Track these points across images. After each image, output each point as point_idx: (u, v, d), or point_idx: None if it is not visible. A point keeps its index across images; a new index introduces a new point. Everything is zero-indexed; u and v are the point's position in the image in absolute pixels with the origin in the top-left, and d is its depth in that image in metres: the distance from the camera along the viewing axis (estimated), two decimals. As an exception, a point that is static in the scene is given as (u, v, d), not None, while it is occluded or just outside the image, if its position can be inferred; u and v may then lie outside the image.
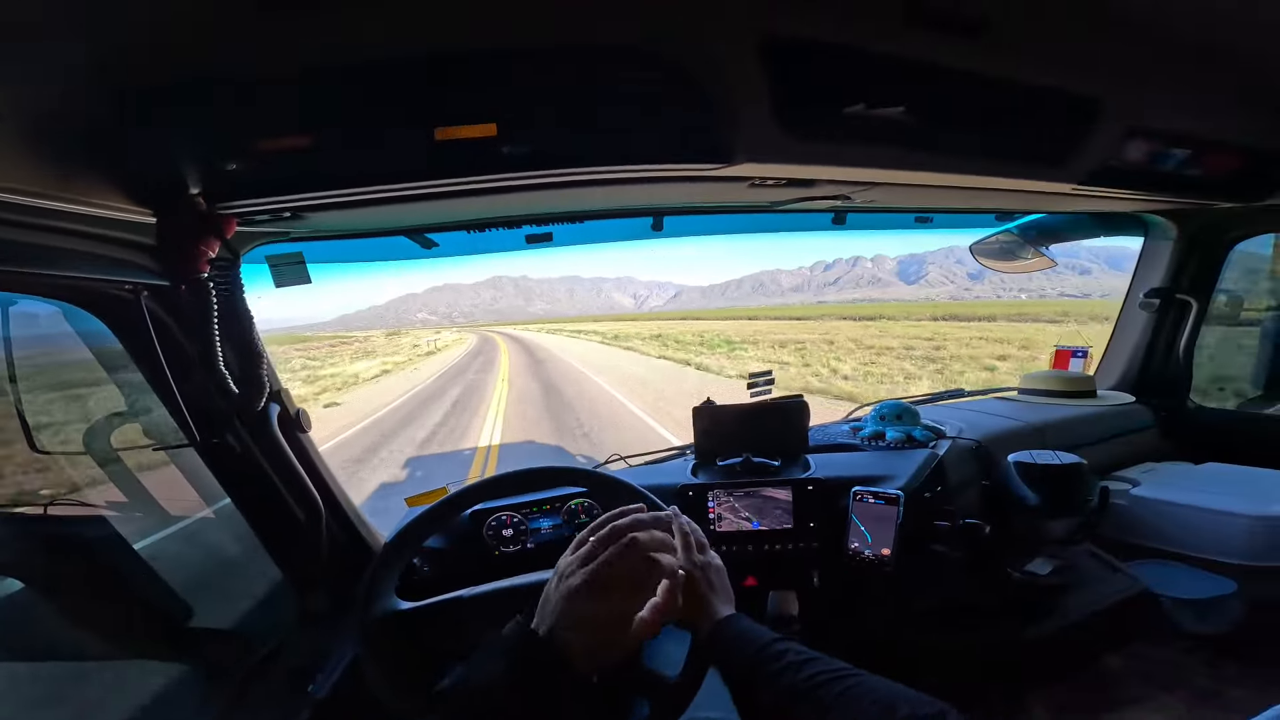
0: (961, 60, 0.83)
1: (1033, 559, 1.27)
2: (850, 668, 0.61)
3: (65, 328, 0.88)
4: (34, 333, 0.92)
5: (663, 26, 0.65)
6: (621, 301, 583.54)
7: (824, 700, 0.57)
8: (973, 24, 0.78)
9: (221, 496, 1.13)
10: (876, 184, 1.13)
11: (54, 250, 0.67)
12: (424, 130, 0.65)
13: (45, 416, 1.03)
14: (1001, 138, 1.00)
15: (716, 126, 0.78)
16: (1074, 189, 1.19)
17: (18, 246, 0.63)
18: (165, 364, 0.84)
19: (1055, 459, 1.33)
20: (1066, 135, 1.05)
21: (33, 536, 0.99)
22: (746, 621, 0.72)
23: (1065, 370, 2.23)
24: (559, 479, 1.01)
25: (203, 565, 1.25)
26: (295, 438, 1.09)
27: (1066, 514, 1.32)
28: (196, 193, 0.68)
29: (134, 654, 1.08)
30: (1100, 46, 0.89)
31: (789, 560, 1.28)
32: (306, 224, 0.93)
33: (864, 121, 0.85)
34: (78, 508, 1.05)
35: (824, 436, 1.64)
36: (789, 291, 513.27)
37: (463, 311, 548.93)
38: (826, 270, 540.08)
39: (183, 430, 0.94)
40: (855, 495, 1.26)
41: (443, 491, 1.40)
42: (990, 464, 1.47)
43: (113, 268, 0.74)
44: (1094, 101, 0.98)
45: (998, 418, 1.76)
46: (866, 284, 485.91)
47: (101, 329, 0.86)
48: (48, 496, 1.05)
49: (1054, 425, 1.72)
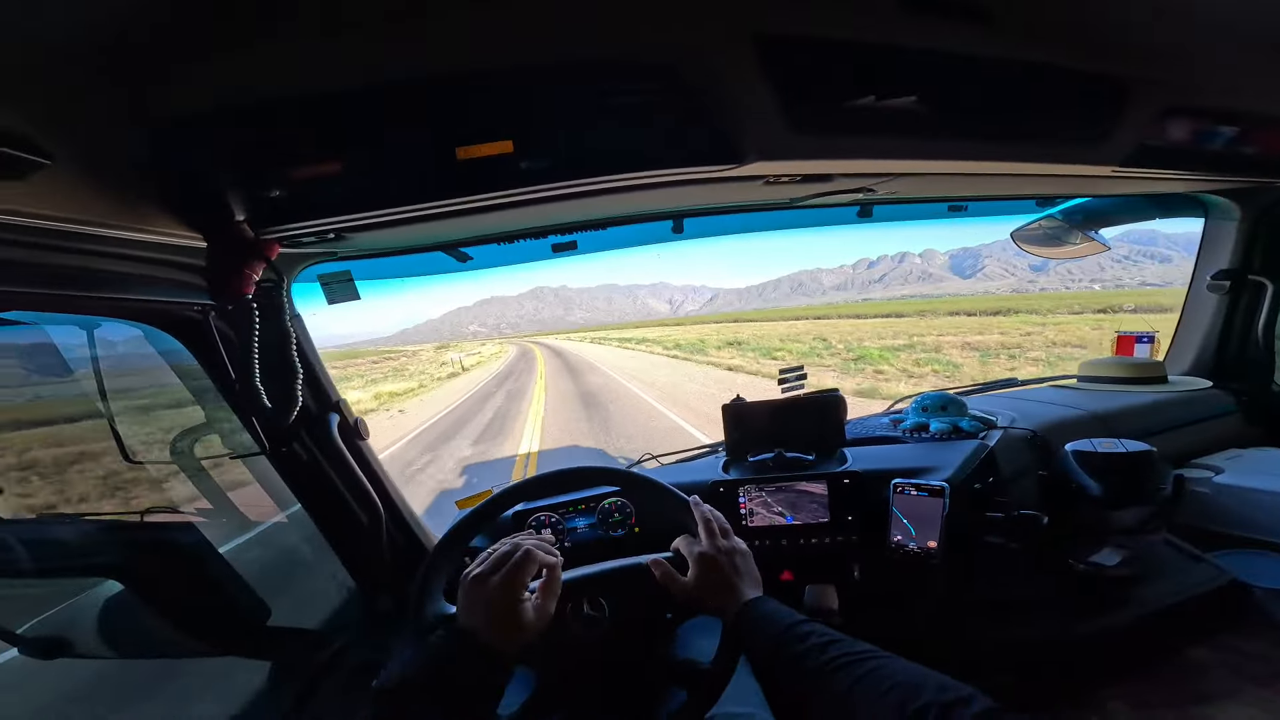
0: (972, 46, 0.81)
1: (1098, 550, 1.19)
2: (874, 649, 0.61)
3: (147, 348, 0.99)
4: (119, 352, 1.03)
5: (660, 36, 0.68)
6: (657, 307, 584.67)
7: (845, 681, 0.57)
8: (975, 9, 0.76)
9: (292, 502, 1.22)
10: (899, 175, 1.11)
11: (129, 276, 0.76)
12: (446, 150, 0.70)
13: (135, 429, 1.15)
14: (1029, 121, 0.96)
15: (723, 129, 0.79)
16: (1114, 171, 1.13)
17: (95, 273, 0.71)
18: (236, 380, 0.92)
19: (1120, 447, 1.25)
20: (1100, 116, 1.00)
21: (129, 541, 1.08)
22: (773, 604, 0.73)
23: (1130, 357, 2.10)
24: (594, 479, 1.03)
25: (278, 567, 1.35)
26: (355, 445, 1.17)
27: (1135, 504, 1.23)
28: (242, 219, 0.74)
29: (218, 651, 1.15)
30: (1130, 26, 0.84)
31: (826, 554, 1.26)
32: (350, 244, 1.00)
33: (877, 113, 0.83)
34: (168, 514, 1.16)
35: (862, 430, 1.61)
36: (831, 290, 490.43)
37: (509, 322, 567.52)
38: (871, 267, 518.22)
39: (255, 441, 1.04)
40: (896, 488, 1.23)
41: (488, 494, 1.47)
42: (1047, 454, 1.39)
43: (182, 290, 0.83)
44: (1126, 81, 0.94)
45: (1054, 406, 1.67)
46: (916, 280, 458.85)
47: (179, 347, 0.96)
48: (142, 504, 1.17)
49: (1120, 413, 1.62)
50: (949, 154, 0.96)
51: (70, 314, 0.83)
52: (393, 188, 0.74)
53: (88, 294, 0.71)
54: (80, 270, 0.69)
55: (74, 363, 0.97)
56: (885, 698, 0.53)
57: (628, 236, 1.28)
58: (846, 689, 0.56)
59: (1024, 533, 1.17)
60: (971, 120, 0.92)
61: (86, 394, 0.98)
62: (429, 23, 0.60)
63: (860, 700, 0.55)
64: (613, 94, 0.71)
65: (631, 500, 1.32)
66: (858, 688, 0.56)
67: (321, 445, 1.09)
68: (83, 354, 0.97)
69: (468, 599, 0.67)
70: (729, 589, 0.76)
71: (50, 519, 1.19)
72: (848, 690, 0.56)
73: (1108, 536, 1.23)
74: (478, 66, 0.65)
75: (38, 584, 1.05)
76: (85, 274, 0.70)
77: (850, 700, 0.56)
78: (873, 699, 0.54)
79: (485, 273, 1.36)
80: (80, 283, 0.70)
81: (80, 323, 0.90)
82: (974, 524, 1.21)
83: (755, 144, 0.81)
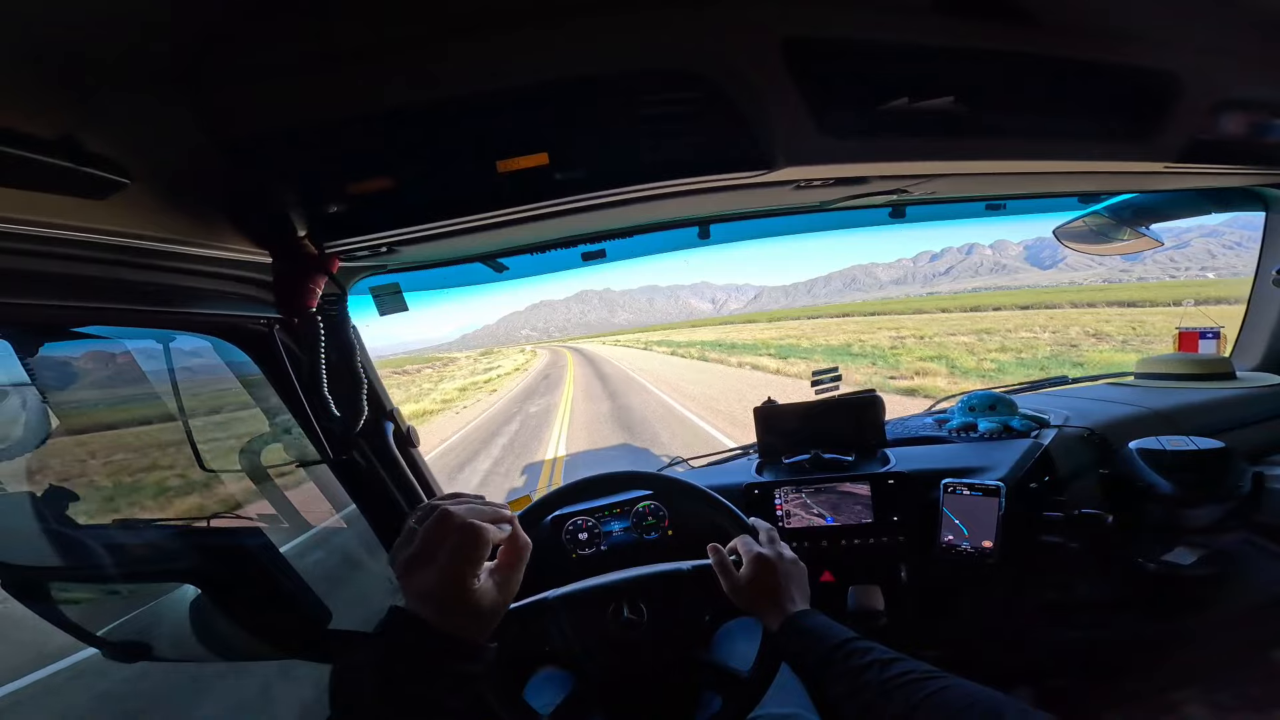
0: (1012, 44, 0.78)
1: (1170, 549, 1.12)
2: (939, 671, 0.58)
3: (216, 359, 1.05)
4: (192, 364, 1.09)
5: (691, 46, 0.69)
6: (699, 307, 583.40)
7: (910, 699, 0.55)
8: (1015, 8, 0.74)
9: (343, 507, 1.27)
10: (936, 176, 1.10)
11: (200, 291, 0.81)
12: (488, 163, 0.74)
13: (209, 439, 1.23)
14: (1074, 118, 0.94)
15: (753, 136, 0.79)
16: (1166, 167, 1.10)
17: (169, 289, 0.76)
18: (300, 391, 0.98)
19: (1190, 444, 1.20)
20: (1151, 111, 0.97)
21: (202, 546, 1.12)
22: (823, 618, 0.71)
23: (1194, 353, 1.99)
24: (634, 483, 1.05)
25: (335, 571, 1.40)
26: (408, 452, 1.22)
27: (1210, 502, 1.16)
28: (304, 234, 0.78)
29: (282, 655, 1.19)
30: (1175, 22, 0.82)
31: (870, 555, 1.24)
32: (399, 257, 1.05)
33: (913, 114, 0.82)
34: (237, 519, 1.22)
35: (903, 430, 1.57)
36: (889, 285, 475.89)
37: (558, 326, 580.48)
38: (934, 260, 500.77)
39: (316, 448, 1.09)
40: (947, 488, 1.21)
41: (528, 500, 1.50)
42: (1108, 452, 1.33)
43: (249, 304, 0.88)
44: (1174, 76, 0.90)
45: (1111, 404, 1.60)
46: (988, 271, 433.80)
47: (244, 359, 1.02)
48: (213, 511, 1.24)
49: (1185, 410, 1.53)
50: (989, 153, 0.95)
51: (147, 328, 0.88)
52: (441, 201, 0.79)
53: (163, 309, 0.76)
54: (156, 286, 0.74)
55: (152, 375, 1.05)
56: (962, 716, 0.51)
57: (654, 243, 1.31)
58: (911, 708, 0.54)
59: (1086, 532, 1.12)
60: (1013, 118, 0.90)
61: (164, 404, 1.07)
62: (477, 45, 0.64)
63: (926, 716, 0.53)
64: (643, 104, 0.73)
65: (665, 504, 1.33)
66: (926, 703, 0.54)
67: (378, 452, 1.15)
68: (155, 366, 1.05)
69: (403, 581, 0.53)
70: (779, 594, 0.75)
71: (130, 524, 1.25)
72: (912, 709, 0.54)
73: (1181, 536, 1.16)
74: (519, 82, 0.68)
75: (118, 587, 1.09)
76: (161, 290, 0.75)
77: (916, 715, 0.54)
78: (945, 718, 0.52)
79: (524, 282, 1.41)
80: (156, 298, 0.75)
81: (157, 336, 0.98)
82: (1030, 524, 1.17)
83: (785, 150, 0.82)
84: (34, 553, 1.00)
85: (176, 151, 0.63)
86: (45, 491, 1.04)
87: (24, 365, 0.94)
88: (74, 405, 1.02)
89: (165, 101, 0.58)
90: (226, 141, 0.64)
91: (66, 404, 0.99)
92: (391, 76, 0.64)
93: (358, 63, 0.62)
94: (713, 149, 0.81)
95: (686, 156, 0.81)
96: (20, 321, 0.77)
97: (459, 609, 0.52)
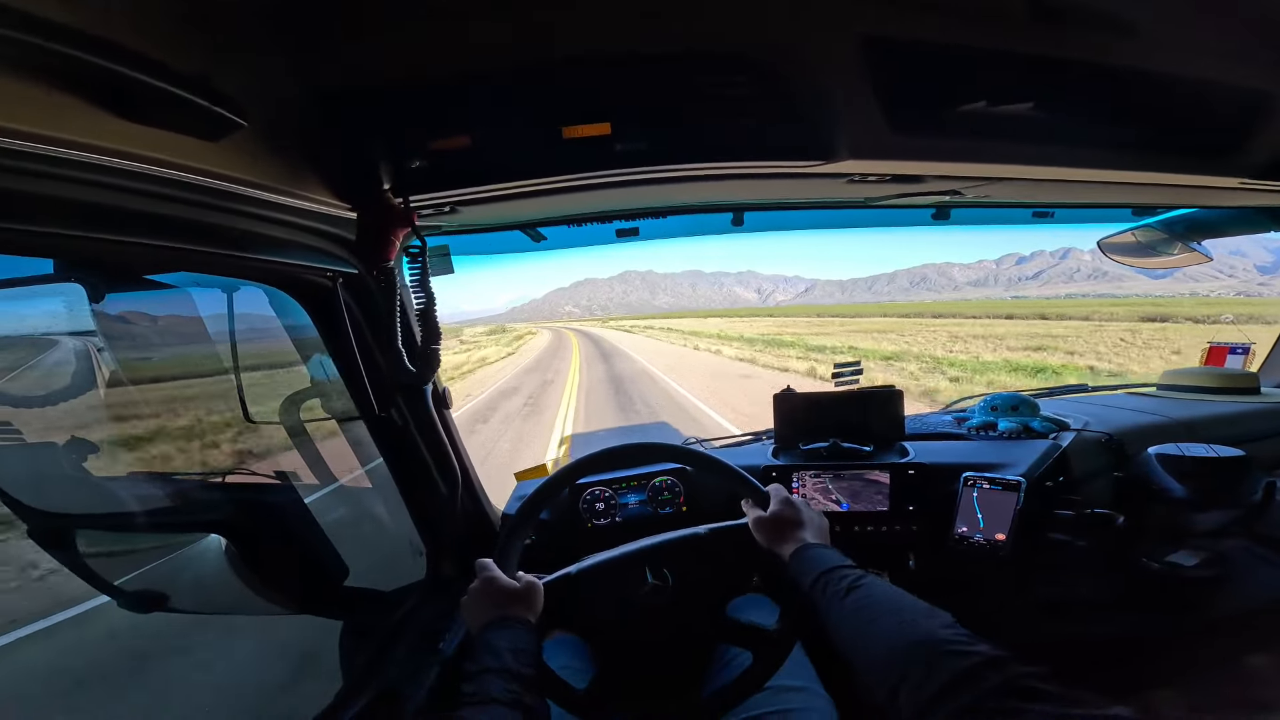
0: (1102, 55, 0.80)
1: (1174, 551, 1.21)
2: (879, 585, 0.69)
3: (268, 311, 1.09)
4: (248, 315, 1.13)
5: (770, 33, 0.72)
6: (745, 296, 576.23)
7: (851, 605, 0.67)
8: (1119, 22, 0.75)
9: (368, 465, 1.33)
10: (993, 179, 1.12)
11: (276, 240, 0.84)
12: (555, 129, 0.78)
13: (257, 392, 1.30)
14: (1148, 130, 0.95)
15: (821, 125, 0.82)
16: (1242, 183, 1.12)
17: (252, 235, 0.80)
18: (355, 344, 1.04)
19: (1210, 451, 1.28)
20: (1235, 127, 0.98)
21: (232, 500, 1.20)
22: (830, 550, 0.81)
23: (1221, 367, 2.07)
24: (664, 455, 1.07)
25: (358, 530, 1.46)
26: (442, 414, 1.28)
27: (1223, 507, 1.25)
28: (388, 188, 0.82)
29: (298, 610, 1.23)
30: (1272, 37, 0.82)
31: (882, 543, 1.33)
32: (457, 218, 1.09)
33: (985, 117, 0.83)
34: (263, 476, 1.26)
35: (922, 426, 1.66)
36: (965, 286, 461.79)
37: (600, 304, 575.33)
38: (1020, 264, 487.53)
39: (358, 405, 1.14)
40: (967, 480, 1.29)
41: (544, 468, 1.58)
42: (1124, 457, 1.42)
43: (318, 256, 0.92)
44: (1265, 94, 0.91)
45: (1132, 412, 1.68)
46: (1085, 278, 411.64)
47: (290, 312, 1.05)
48: (244, 463, 1.32)
49: (1207, 420, 1.62)
50: (1052, 159, 0.97)
51: (221, 275, 0.91)
52: (508, 162, 0.84)
53: (239, 254, 0.80)
54: (242, 233, 0.79)
55: (211, 324, 1.11)
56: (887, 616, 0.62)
57: (688, 226, 1.38)
58: (852, 612, 0.65)
59: (1095, 532, 1.21)
60: (1084, 127, 0.92)
61: (221, 356, 1.13)
62: (563, 11, 0.67)
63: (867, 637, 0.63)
64: (712, 85, 0.77)
65: (682, 480, 1.42)
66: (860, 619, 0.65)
67: (415, 412, 1.21)
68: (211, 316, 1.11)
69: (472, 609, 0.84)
70: (800, 529, 0.86)
71: (160, 475, 1.31)
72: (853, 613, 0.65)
73: (1186, 539, 1.24)
74: (596, 49, 0.71)
75: (140, 539, 1.16)
76: (246, 236, 0.80)
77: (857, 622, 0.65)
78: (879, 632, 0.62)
79: (568, 255, 1.47)
80: (239, 244, 0.79)
81: (223, 285, 1.05)
82: (1043, 521, 1.25)
83: (850, 142, 0.85)
84: (60, 500, 1.05)
85: (287, 97, 0.67)
86: (68, 442, 1.09)
87: (92, 311, 1.01)
88: (136, 354, 1.07)
89: (274, 48, 0.62)
90: (325, 91, 0.69)
91: (130, 352, 1.04)
92: (480, 36, 0.68)
93: (454, 19, 0.65)
94: (775, 135, 0.85)
95: (748, 139, 0.85)
96: (108, 261, 0.82)
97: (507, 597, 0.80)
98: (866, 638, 0.63)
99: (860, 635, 0.64)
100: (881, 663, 0.59)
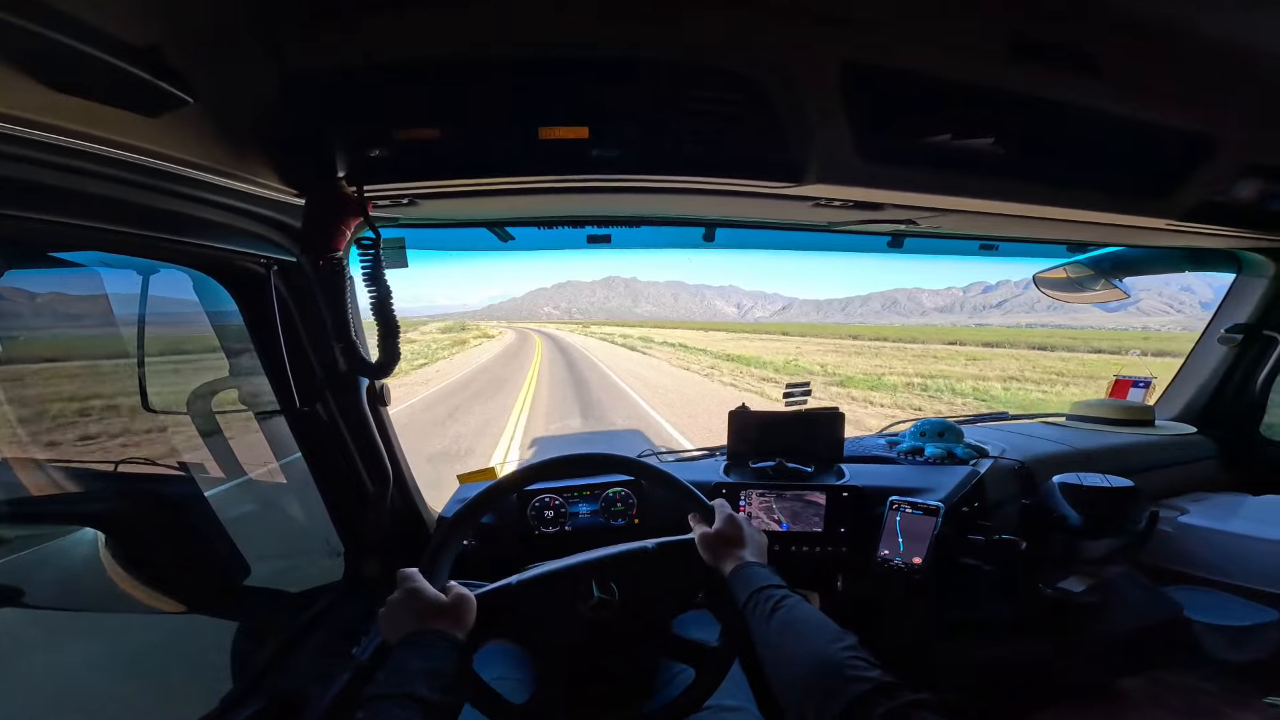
0: (1066, 94, 0.85)
1: (1067, 577, 1.34)
2: (800, 607, 0.74)
3: (191, 296, 1.02)
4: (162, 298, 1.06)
5: (753, 53, 0.73)
6: (724, 309, 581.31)
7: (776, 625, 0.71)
8: (1088, 61, 0.80)
9: (283, 460, 1.26)
10: (947, 210, 1.18)
11: (208, 222, 0.80)
12: (531, 129, 0.77)
13: (160, 379, 1.20)
14: (1093, 170, 1.03)
15: (793, 147, 0.85)
16: (1169, 225, 1.21)
17: (182, 218, 0.75)
18: (282, 336, 0.98)
19: (1104, 482, 1.41)
20: (1170, 170, 1.05)
21: (116, 490, 1.10)
22: (765, 569, 0.85)
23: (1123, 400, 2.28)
24: (613, 467, 1.06)
25: (264, 527, 1.39)
26: (377, 410, 1.23)
27: (1109, 535, 1.39)
28: (342, 175, 0.79)
29: (183, 609, 1.15)
30: (1219, 85, 0.89)
31: (814, 563, 1.39)
32: (416, 211, 1.05)
33: (945, 148, 0.89)
34: (155, 465, 1.16)
35: (858, 448, 1.75)
36: (933, 312, 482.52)
37: (580, 308, 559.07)
38: (986, 292, 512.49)
39: (279, 398, 1.09)
40: (893, 504, 1.36)
41: (492, 471, 1.54)
42: (1031, 484, 1.55)
43: (253, 242, 0.87)
44: (1206, 137, 0.99)
45: (1043, 440, 1.83)
46: (1045, 309, 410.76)
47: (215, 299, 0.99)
48: (139, 453, 1.20)
49: (1105, 451, 1.78)
50: (1003, 194, 1.03)
51: (139, 257, 0.87)
52: (479, 158, 0.82)
53: (170, 238, 0.75)
54: (170, 215, 0.74)
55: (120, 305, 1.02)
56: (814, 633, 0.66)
57: (660, 237, 1.38)
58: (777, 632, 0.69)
59: (1001, 556, 1.32)
60: (1043, 162, 0.98)
61: (125, 339, 1.04)
62: (551, 9, 0.66)
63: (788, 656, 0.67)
64: (692, 99, 0.78)
65: (636, 492, 1.43)
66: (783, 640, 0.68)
67: (346, 408, 1.16)
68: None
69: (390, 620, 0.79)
70: (742, 546, 0.89)
71: (41, 462, 1.20)
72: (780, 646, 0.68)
73: (1077, 565, 1.39)
74: (578, 53, 0.71)
75: (8, 529, 1.04)
76: (174, 218, 0.75)
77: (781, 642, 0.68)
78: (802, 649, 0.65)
79: (557, 255, 1.43)
80: (165, 226, 0.74)
81: (138, 267, 0.96)
82: (956, 545, 1.35)
83: (820, 166, 0.88)
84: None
85: (240, 78, 0.64)
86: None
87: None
88: (29, 333, 0.97)
89: (239, 22, 0.59)
90: (286, 73, 0.66)
91: (21, 330, 0.94)
92: (456, 26, 0.66)
93: (422, 6, 0.63)
94: (749, 153, 0.87)
95: (723, 156, 0.87)
96: (10, 236, 0.75)
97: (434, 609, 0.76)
98: (783, 659, 0.67)
99: (779, 656, 0.68)
100: (793, 685, 0.64)
